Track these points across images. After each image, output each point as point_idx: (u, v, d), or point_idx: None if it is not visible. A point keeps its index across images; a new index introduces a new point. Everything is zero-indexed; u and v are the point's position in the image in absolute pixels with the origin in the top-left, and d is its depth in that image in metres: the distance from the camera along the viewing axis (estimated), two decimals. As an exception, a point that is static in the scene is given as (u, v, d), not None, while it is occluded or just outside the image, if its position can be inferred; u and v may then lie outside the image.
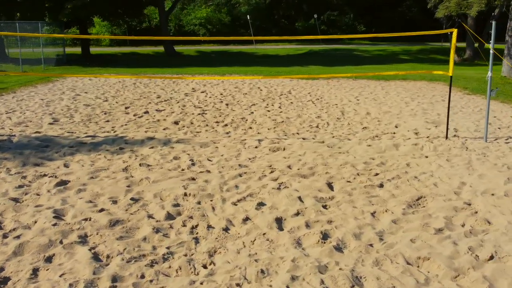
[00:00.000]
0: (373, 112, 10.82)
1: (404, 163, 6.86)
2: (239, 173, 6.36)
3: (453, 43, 7.67)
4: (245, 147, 7.77)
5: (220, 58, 30.62)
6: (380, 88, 15.08)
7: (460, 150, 7.47)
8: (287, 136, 8.57)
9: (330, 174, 6.32)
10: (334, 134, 8.75)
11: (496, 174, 6.24)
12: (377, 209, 5.12)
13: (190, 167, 6.65)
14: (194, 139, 8.29)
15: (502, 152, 7.30)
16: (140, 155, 7.23)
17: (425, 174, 6.33)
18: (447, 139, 8.16)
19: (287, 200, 5.35)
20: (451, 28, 8.22)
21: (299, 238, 4.44)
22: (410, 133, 8.66)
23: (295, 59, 29.45)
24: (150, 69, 21.57)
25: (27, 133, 8.57)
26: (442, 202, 5.32)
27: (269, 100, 12.53)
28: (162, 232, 4.60)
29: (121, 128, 9.13)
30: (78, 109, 11.00)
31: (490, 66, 7.71)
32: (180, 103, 12.00)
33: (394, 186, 5.88)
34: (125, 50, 35.95)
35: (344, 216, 4.90)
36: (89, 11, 23.01)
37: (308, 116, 10.41)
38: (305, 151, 7.49)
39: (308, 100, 12.57)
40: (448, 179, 6.12)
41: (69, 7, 21.68)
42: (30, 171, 6.39)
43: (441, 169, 6.54)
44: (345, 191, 5.70)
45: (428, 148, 7.60)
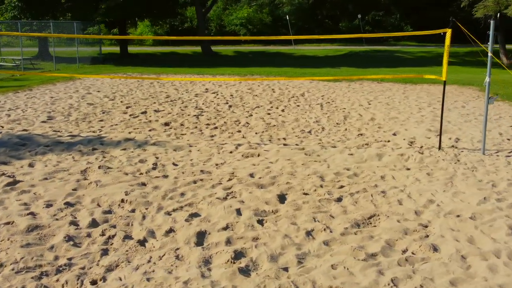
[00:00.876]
0: (378, 118, 10.14)
1: (379, 175, 6.27)
2: (195, 180, 6.04)
3: (446, 44, 6.95)
4: (219, 152, 7.43)
5: (257, 58, 30.37)
6: (401, 92, 14.23)
7: (448, 163, 6.75)
8: (271, 141, 8.15)
9: (290, 185, 5.86)
10: (323, 140, 8.22)
11: (474, 192, 5.54)
12: (317, 227, 4.63)
13: (149, 172, 6.41)
14: (172, 142, 8.05)
15: (495, 167, 6.52)
16: (108, 157, 7.08)
17: (395, 189, 5.72)
18: (440, 150, 7.43)
19: (223, 212, 4.96)
20: (445, 28, 7.47)
21: (210, 256, 4.07)
22: (404, 142, 7.98)
23: (330, 61, 28.67)
24: (182, 69, 21.60)
25: (14, 131, 8.67)
26: (395, 223, 4.74)
27: (276, 103, 12.10)
28: (75, 241, 4.37)
29: (109, 128, 9.06)
30: (79, 108, 11.09)
31: (488, 71, 6.92)
32: (184, 104, 11.83)
33: (353, 201, 5.34)
34: (165, 49, 36.53)
35: (274, 234, 4.46)
36: (122, 11, 23.45)
37: (306, 121, 9.90)
38: (279, 158, 7.05)
39: (317, 103, 12.03)
40: (417, 196, 5.49)
41: (103, 7, 22.17)
42: (-11, 169, 6.39)
43: (415, 184, 5.90)
44: (294, 204, 5.24)
45: (414, 160, 6.93)
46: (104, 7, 22.19)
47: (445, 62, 7.06)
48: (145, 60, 27.62)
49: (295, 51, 35.15)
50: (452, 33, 6.93)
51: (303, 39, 38.65)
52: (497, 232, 4.49)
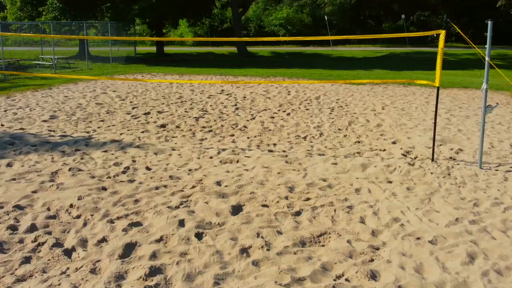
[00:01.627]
0: (385, 124, 9.56)
1: (354, 188, 5.81)
2: (158, 186, 5.84)
3: (440, 46, 6.36)
4: (199, 157, 7.20)
5: (293, 59, 29.95)
6: (425, 96, 13.44)
7: (435, 176, 6.17)
8: (259, 146, 7.82)
9: (254, 195, 5.53)
10: (314, 147, 7.80)
11: (449, 212, 4.99)
12: (256, 243, 4.28)
13: (118, 175, 6.27)
14: (157, 145, 7.90)
15: (487, 184, 5.88)
16: (87, 159, 7.01)
17: (365, 204, 5.27)
18: (433, 161, 6.83)
19: (165, 223, 4.72)
20: (438, 30, 6.84)
21: (126, 271, 3.83)
22: (399, 152, 7.42)
23: (366, 62, 27.78)
24: (210, 69, 21.58)
25: (11, 129, 8.83)
26: (344, 243, 4.32)
27: (286, 106, 11.73)
28: (4, 246, 4.26)
29: (103, 129, 9.05)
30: (86, 108, 11.21)
31: (486, 76, 6.26)
32: (192, 106, 11.69)
33: (311, 216, 4.95)
34: (203, 50, 36.80)
35: (205, 249, 4.17)
36: (155, 12, 23.75)
37: (307, 125, 9.48)
38: (256, 166, 6.72)
39: (328, 107, 11.54)
40: (384, 213, 5.02)
41: (136, 8, 22.53)
42: (-35, 168, 6.48)
43: (390, 199, 5.41)
44: (246, 217, 4.91)
45: (399, 172, 6.39)
46: (137, 8, 22.55)
47: (438, 65, 6.47)
48: (179, 60, 27.89)
49: (333, 52, 34.41)
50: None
51: (342, 39, 37.86)
52: (452, 260, 3.98)
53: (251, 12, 42.03)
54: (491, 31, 6.02)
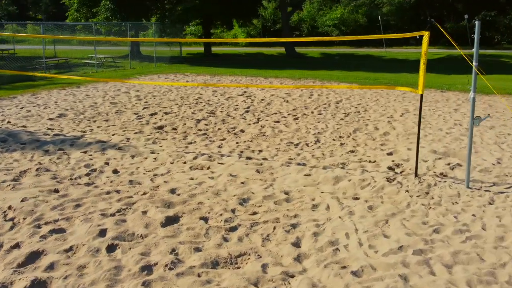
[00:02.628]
0: (394, 133, 8.84)
1: (313, 204, 5.33)
2: (110, 191, 5.68)
3: (423, 49, 5.68)
4: (172, 162, 6.98)
5: (343, 61, 29.07)
6: (458, 103, 12.37)
7: (408, 195, 5.51)
8: (242, 152, 7.47)
9: (200, 206, 5.22)
10: (300, 156, 7.33)
11: (398, 238, 4.39)
12: (163, 261, 3.97)
13: (80, 178, 6.19)
14: (139, 147, 7.78)
15: (464, 207, 5.15)
16: (64, 158, 7.02)
17: (312, 223, 4.78)
18: (416, 177, 6.14)
19: (85, 231, 4.52)
20: (421, 31, 6.10)
21: (11, 282, 3.67)
22: (388, 164, 6.77)
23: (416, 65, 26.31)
24: (248, 70, 21.32)
25: (13, 127, 9.09)
26: (258, 267, 3.89)
27: (300, 110, 11.24)
28: None
29: (100, 129, 9.08)
30: (99, 107, 11.37)
31: (473, 84, 5.50)
32: (204, 107, 11.52)
33: (244, 234, 4.55)
34: (253, 50, 36.72)
35: (106, 264, 3.92)
36: (199, 13, 23.92)
37: (307, 132, 8.98)
38: (223, 174, 6.38)
39: (343, 113, 10.91)
40: (327, 235, 4.51)
41: (180, 9, 22.82)
42: None
43: (343, 219, 4.88)
44: (175, 230, 4.61)
45: (372, 187, 5.79)
46: (181, 8, 22.83)
47: (421, 71, 5.78)
48: (224, 61, 27.94)
49: (385, 54, 33.03)
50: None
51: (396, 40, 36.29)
52: (365, 298, 3.44)
53: (305, 13, 41.40)
54: (478, 32, 5.28)
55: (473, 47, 5.49)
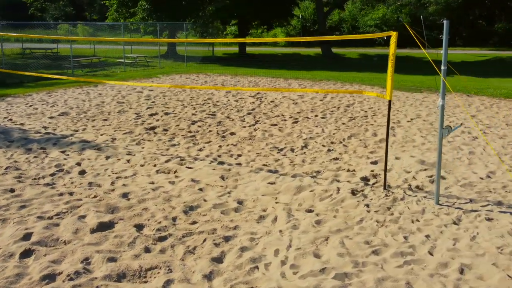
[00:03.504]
0: (392, 140, 8.29)
1: (260, 215, 5.01)
2: (63, 192, 5.61)
3: (391, 51, 5.19)
4: (143, 164, 6.85)
5: (380, 62, 28.05)
6: (478, 108, 11.51)
7: (365, 210, 5.05)
8: (220, 157, 7.23)
9: (142, 213, 5.03)
10: (277, 162, 6.99)
11: (329, 258, 3.99)
12: (69, 270, 3.80)
13: (43, 178, 6.17)
14: (118, 148, 7.71)
15: (420, 226, 4.65)
16: (41, 157, 7.06)
17: (247, 236, 4.47)
18: (384, 189, 5.65)
19: (10, 234, 4.44)
20: (389, 32, 5.56)
21: None
22: (365, 173, 6.30)
23: (458, 68, 24.97)
24: (275, 71, 21.00)
25: (10, 124, 9.30)
26: (161, 283, 3.65)
27: (304, 113, 10.83)
28: None
29: (93, 128, 9.12)
30: (104, 106, 11.47)
31: (442, 90, 4.96)
32: (208, 108, 11.37)
33: (169, 245, 4.31)
34: (290, 51, 36.29)
35: (11, 271, 3.80)
36: (229, 13, 23.85)
37: (299, 136, 8.59)
38: (185, 178, 6.17)
39: (350, 117, 10.41)
40: (255, 251, 4.19)
41: (210, 9, 22.84)
42: None
43: (282, 234, 4.53)
44: (101, 238, 4.44)
45: (331, 199, 5.37)
46: (211, 9, 22.84)
47: (389, 74, 5.30)
48: (256, 61, 27.71)
49: (425, 55, 31.60)
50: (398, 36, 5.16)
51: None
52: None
53: (346, 12, 40.46)
54: (447, 33, 4.76)
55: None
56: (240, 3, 23.03)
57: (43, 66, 21.83)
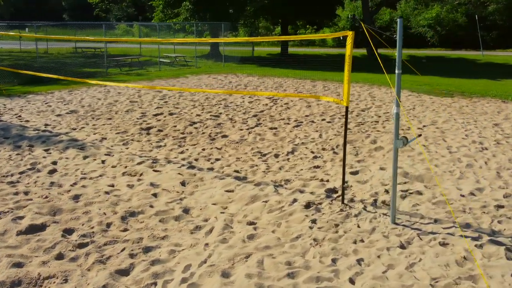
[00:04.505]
0: (388, 148, 7.69)
1: (197, 225, 4.73)
2: (19, 192, 5.62)
3: (347, 52, 4.72)
4: (115, 166, 6.76)
5: (429, 64, 26.67)
6: (506, 117, 10.51)
7: (309, 226, 4.62)
8: (196, 160, 7.01)
9: (81, 216, 4.92)
10: (253, 168, 6.66)
11: (234, 280, 3.64)
12: (-31, 274, 3.74)
13: (12, 176, 6.24)
14: (101, 148, 7.68)
15: (360, 248, 4.15)
16: (24, 154, 7.17)
17: (168, 248, 4.22)
18: (343, 203, 5.16)
19: None
20: (344, 31, 4.99)
21: None
22: (335, 184, 5.83)
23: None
24: (305, 72, 20.44)
25: (16, 121, 9.58)
26: (49, 294, 3.48)
27: (312, 117, 10.36)
28: None
29: (90, 127, 9.19)
30: (114, 105, 11.57)
31: (396, 92, 4.41)
32: (216, 110, 11.18)
33: (83, 254, 4.14)
34: (334, 51, 35.38)
35: None
36: (267, 13, 23.55)
37: (290, 141, 8.19)
38: (145, 182, 6.00)
39: (358, 122, 9.83)
40: (169, 265, 3.93)
41: (249, 10, 22.68)
42: None
43: (206, 248, 4.23)
44: (23, 240, 4.36)
45: (277, 212, 4.98)
46: (250, 9, 22.66)
47: (345, 79, 4.82)
48: (292, 62, 27.18)
49: (481, 57, 29.72)
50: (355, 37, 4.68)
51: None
52: None
53: (398, 12, 38.87)
54: (401, 32, 4.24)
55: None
56: (278, 3, 22.65)
57: (82, 64, 22.66)
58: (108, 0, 54.81)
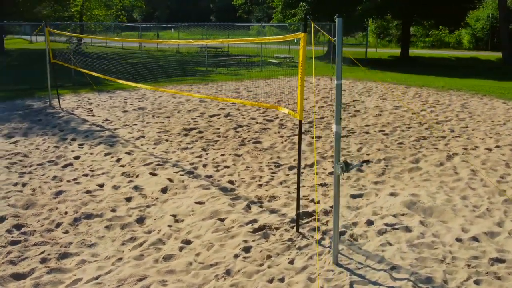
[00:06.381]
0: (413, 166, 6.54)
1: (133, 237, 4.51)
2: (18, 183, 6.03)
3: (301, 54, 3.99)
4: (123, 165, 6.86)
5: None
6: None
7: (233, 254, 4.03)
8: (196, 167, 6.77)
9: (46, 213, 5.06)
10: (250, 180, 6.21)
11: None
12: None
13: (25, 167, 6.70)
14: (128, 147, 7.86)
15: (263, 286, 3.49)
16: (59, 147, 7.70)
17: (81, 258, 4.07)
18: (297, 232, 4.42)
19: None
20: (297, 33, 4.04)
21: None
22: (321, 207, 5.08)
23: None
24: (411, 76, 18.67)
25: (84, 115, 10.36)
26: None
27: (376, 127, 9.38)
28: None
29: (140, 125, 9.51)
30: (183, 104, 11.84)
31: (337, 111, 3.58)
32: (240, 117, 10.79)
33: (8, 259, 4.22)
34: (466, 54, 31.78)
35: None
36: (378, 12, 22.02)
37: (321, 153, 7.46)
38: (131, 185, 5.95)
39: (420, 136, 8.60)
40: (65, 277, 3.78)
41: (359, 9, 21.54)
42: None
43: (114, 265, 3.98)
44: (-26, 231, 4.61)
45: (226, 232, 4.46)
46: (361, 9, 21.49)
47: (299, 88, 4.12)
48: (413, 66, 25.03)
49: None
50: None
51: None
52: None
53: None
54: (341, 31, 3.46)
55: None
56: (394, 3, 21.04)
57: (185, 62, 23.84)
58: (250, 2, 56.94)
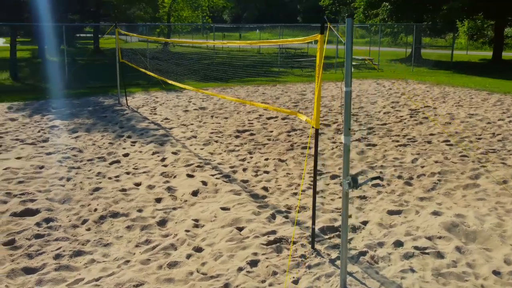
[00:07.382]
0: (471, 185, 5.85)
1: (145, 240, 4.47)
2: (55, 177, 6.28)
3: (318, 56, 3.64)
4: (165, 165, 6.92)
5: None
6: None
7: (238, 267, 3.79)
8: (235, 171, 6.63)
9: (66, 208, 5.22)
10: (288, 188, 5.96)
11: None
12: None
13: (76, 162, 7.00)
14: (177, 146, 7.94)
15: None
16: (114, 144, 7.99)
17: (93, 257, 4.11)
18: (312, 248, 4.06)
19: (-36, 202, 5.32)
20: (314, 35, 3.54)
21: None
22: (351, 222, 4.70)
23: None
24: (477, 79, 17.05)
25: (147, 114, 10.68)
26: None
27: (425, 137, 8.65)
28: None
29: (196, 125, 9.58)
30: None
31: (347, 117, 3.19)
32: (330, 118, 10.37)
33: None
34: None
35: None
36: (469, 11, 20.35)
37: (370, 163, 6.98)
38: (164, 186, 5.95)
39: (490, 147, 7.76)
40: (52, 277, 3.83)
41: (445, 9, 20.14)
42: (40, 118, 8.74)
43: (113, 263, 3.95)
44: None
45: (239, 243, 4.25)
46: (446, 8, 20.03)
47: (316, 94, 3.78)
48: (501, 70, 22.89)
49: None
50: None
51: None
52: None
53: None
54: (350, 32, 3.10)
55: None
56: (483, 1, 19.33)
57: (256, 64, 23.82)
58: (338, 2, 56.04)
